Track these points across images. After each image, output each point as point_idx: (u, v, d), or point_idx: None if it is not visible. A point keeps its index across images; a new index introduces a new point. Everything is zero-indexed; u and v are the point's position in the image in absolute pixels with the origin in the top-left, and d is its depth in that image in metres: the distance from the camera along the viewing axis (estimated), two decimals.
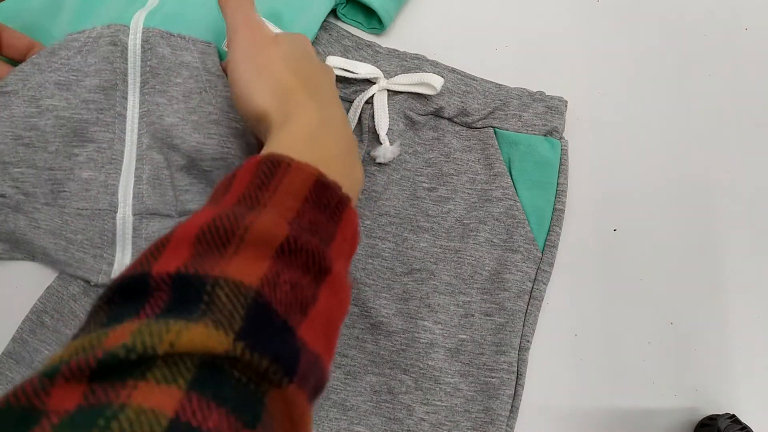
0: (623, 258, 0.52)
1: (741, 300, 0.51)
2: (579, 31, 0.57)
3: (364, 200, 0.50)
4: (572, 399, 0.49)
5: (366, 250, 0.50)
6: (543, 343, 0.50)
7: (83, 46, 0.47)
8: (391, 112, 0.51)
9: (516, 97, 0.52)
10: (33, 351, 0.47)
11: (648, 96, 0.55)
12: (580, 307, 0.51)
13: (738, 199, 0.53)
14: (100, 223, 0.47)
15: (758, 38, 0.57)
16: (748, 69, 0.56)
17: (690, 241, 0.52)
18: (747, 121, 0.55)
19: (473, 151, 0.52)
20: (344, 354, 0.48)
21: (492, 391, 0.47)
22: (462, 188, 0.51)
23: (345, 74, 0.50)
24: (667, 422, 0.49)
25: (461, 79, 0.52)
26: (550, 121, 0.51)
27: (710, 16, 0.57)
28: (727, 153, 0.54)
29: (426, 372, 0.47)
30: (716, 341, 0.50)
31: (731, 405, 0.49)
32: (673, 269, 0.52)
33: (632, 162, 0.54)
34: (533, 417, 0.49)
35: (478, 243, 0.50)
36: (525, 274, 0.49)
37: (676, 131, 0.55)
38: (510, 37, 0.56)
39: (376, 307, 0.48)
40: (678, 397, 0.49)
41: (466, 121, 0.52)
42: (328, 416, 0.47)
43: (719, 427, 0.45)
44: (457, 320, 0.49)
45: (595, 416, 0.49)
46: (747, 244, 0.52)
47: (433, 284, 0.49)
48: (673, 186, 0.53)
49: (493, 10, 0.57)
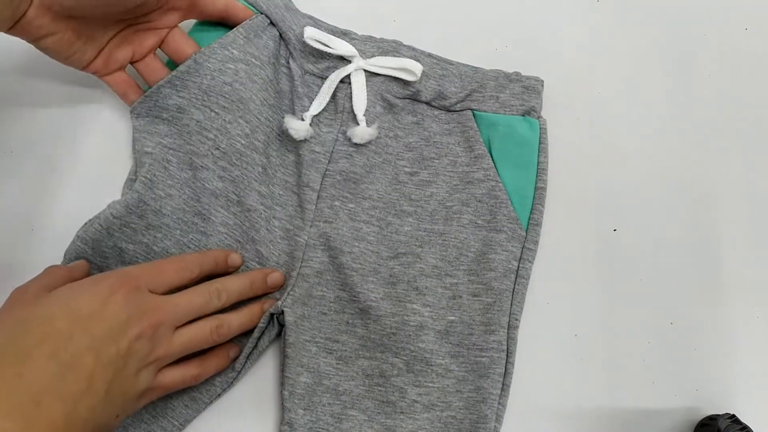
0: (623, 258, 0.52)
1: (741, 300, 0.51)
2: (579, 31, 0.57)
3: (343, 181, 0.51)
4: (572, 399, 0.50)
5: (352, 233, 0.50)
6: (543, 343, 0.50)
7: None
8: (369, 93, 0.51)
9: (492, 78, 0.52)
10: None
11: (648, 96, 0.56)
12: (580, 307, 0.51)
13: (738, 198, 0.53)
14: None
15: (758, 38, 0.57)
16: (748, 69, 0.56)
17: (690, 241, 0.52)
18: (747, 121, 0.55)
19: (453, 134, 0.52)
20: (335, 339, 0.49)
21: (483, 371, 0.47)
22: (443, 171, 0.52)
23: (320, 47, 0.50)
24: (667, 422, 0.49)
25: (437, 63, 0.53)
26: (528, 100, 0.52)
27: (710, 16, 0.58)
28: (727, 153, 0.55)
29: (417, 354, 0.48)
30: (716, 341, 0.51)
31: (731, 405, 0.49)
32: (673, 269, 0.52)
33: (632, 162, 0.54)
34: (533, 417, 0.49)
35: (462, 225, 0.50)
36: (510, 253, 0.50)
37: (677, 131, 0.55)
38: (510, 37, 0.56)
39: (364, 291, 0.49)
40: (678, 397, 0.50)
41: (444, 105, 0.52)
42: (321, 401, 0.48)
43: (719, 427, 0.45)
44: (446, 302, 0.49)
45: (595, 416, 0.49)
46: (747, 244, 0.53)
47: (419, 267, 0.49)
48: (673, 186, 0.54)
49: (493, 10, 0.57)
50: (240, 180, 0.49)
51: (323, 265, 0.49)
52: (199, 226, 0.49)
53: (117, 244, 0.48)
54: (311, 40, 0.50)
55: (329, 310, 0.49)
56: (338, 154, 0.51)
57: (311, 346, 0.48)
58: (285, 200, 0.51)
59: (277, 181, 0.51)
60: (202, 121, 0.49)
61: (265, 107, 0.51)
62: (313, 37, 0.50)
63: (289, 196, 0.51)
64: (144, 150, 0.50)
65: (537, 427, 0.49)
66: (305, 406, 0.47)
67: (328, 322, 0.49)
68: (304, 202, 0.50)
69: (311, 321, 0.49)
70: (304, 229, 0.50)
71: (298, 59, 0.52)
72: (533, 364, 0.50)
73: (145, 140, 0.50)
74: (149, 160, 0.49)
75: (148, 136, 0.50)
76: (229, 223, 0.49)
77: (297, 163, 0.51)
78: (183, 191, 0.49)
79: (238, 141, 0.49)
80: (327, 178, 0.51)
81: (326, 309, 0.49)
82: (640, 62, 0.57)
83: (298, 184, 0.51)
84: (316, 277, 0.49)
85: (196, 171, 0.49)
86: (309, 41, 0.50)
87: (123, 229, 0.48)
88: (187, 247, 0.48)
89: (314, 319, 0.49)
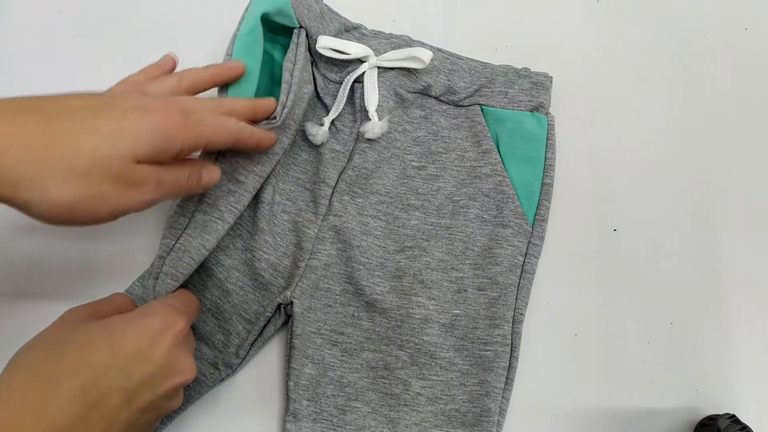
0: (623, 258, 0.52)
1: (741, 300, 0.52)
2: (579, 31, 0.57)
3: (355, 177, 0.51)
4: (572, 398, 0.50)
5: (360, 228, 0.50)
6: (543, 343, 0.50)
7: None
8: (381, 89, 0.51)
9: (501, 74, 0.53)
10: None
11: (648, 96, 0.56)
12: (580, 307, 0.51)
13: (738, 198, 0.53)
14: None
15: (758, 38, 0.57)
16: (748, 69, 0.56)
17: (690, 241, 0.53)
18: (747, 121, 0.55)
19: (461, 129, 0.52)
20: (340, 332, 0.49)
21: (487, 364, 0.48)
22: (451, 166, 0.52)
23: (337, 56, 0.50)
24: (667, 422, 0.49)
25: (447, 57, 0.53)
26: (536, 96, 0.52)
27: (710, 16, 0.58)
28: (727, 153, 0.55)
29: (421, 347, 0.48)
30: (716, 341, 0.51)
31: (731, 405, 0.49)
32: (673, 269, 0.52)
33: (632, 162, 0.54)
34: (533, 417, 0.49)
35: (469, 219, 0.51)
36: (516, 248, 0.50)
37: (676, 131, 0.55)
38: (510, 37, 0.56)
39: (369, 285, 0.49)
40: (678, 397, 0.50)
41: (453, 99, 0.53)
42: (326, 393, 0.48)
43: (719, 427, 0.45)
44: (451, 296, 0.49)
45: (595, 416, 0.49)
46: (747, 244, 0.53)
47: (425, 261, 0.50)
48: (673, 186, 0.54)
49: (493, 10, 0.57)
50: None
51: (331, 258, 0.50)
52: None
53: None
54: (324, 49, 0.50)
55: (335, 302, 0.49)
56: (356, 151, 0.51)
57: (316, 337, 0.48)
58: (296, 195, 0.51)
59: (289, 178, 0.51)
60: None
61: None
62: (326, 47, 0.50)
63: (300, 192, 0.51)
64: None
65: (537, 426, 0.49)
66: (310, 397, 0.47)
67: (333, 315, 0.49)
68: (318, 197, 0.50)
69: (317, 313, 0.49)
70: (315, 222, 0.50)
71: (321, 69, 0.52)
72: (533, 363, 0.50)
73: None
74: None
75: None
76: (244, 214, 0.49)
77: (314, 161, 0.51)
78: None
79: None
80: (342, 174, 0.51)
81: (332, 301, 0.49)
82: (641, 62, 0.57)
83: (312, 180, 0.51)
84: (324, 269, 0.49)
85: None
86: (322, 50, 0.50)
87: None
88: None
89: (320, 311, 0.49)
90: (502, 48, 0.56)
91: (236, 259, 0.49)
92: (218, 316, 0.48)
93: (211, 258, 0.48)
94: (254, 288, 0.48)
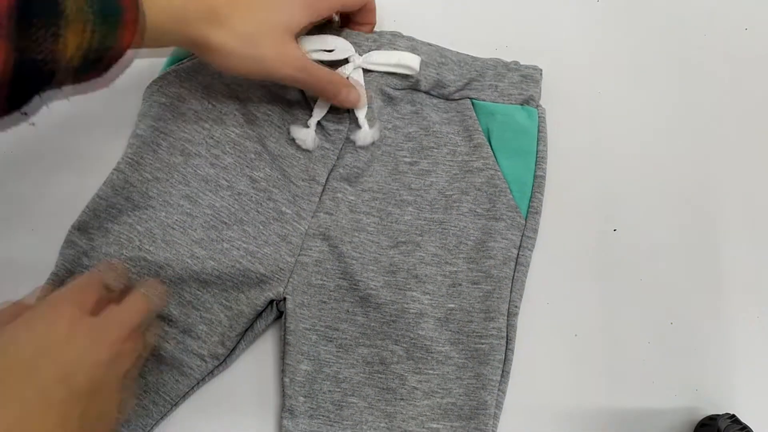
0: (623, 258, 0.52)
1: (741, 300, 0.51)
2: (579, 31, 0.57)
3: (346, 175, 0.51)
4: (572, 398, 0.50)
5: (352, 225, 0.50)
6: (543, 343, 0.50)
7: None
8: (368, 89, 0.51)
9: (491, 67, 0.53)
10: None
11: (648, 96, 0.56)
12: (580, 307, 0.51)
13: (738, 198, 0.53)
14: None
15: (758, 38, 0.57)
16: (748, 69, 0.56)
17: (690, 241, 0.52)
18: (747, 121, 0.55)
19: (452, 124, 0.52)
20: (335, 327, 0.49)
21: (482, 357, 0.48)
22: (443, 160, 0.52)
23: (321, 56, 0.50)
24: (667, 422, 0.49)
25: (436, 51, 0.53)
26: (526, 89, 0.52)
27: (710, 16, 0.58)
28: (727, 153, 0.55)
29: (417, 342, 0.48)
30: (716, 341, 0.51)
31: (731, 405, 0.49)
32: (673, 269, 0.52)
33: (632, 162, 0.54)
34: (533, 417, 0.49)
35: (462, 213, 0.51)
36: (510, 241, 0.50)
37: (676, 131, 0.55)
38: (510, 37, 0.56)
39: (364, 280, 0.49)
40: (678, 397, 0.49)
41: (443, 93, 0.53)
42: (322, 389, 0.48)
43: (719, 427, 0.45)
44: (445, 290, 0.49)
45: (595, 416, 0.49)
46: (747, 244, 0.53)
47: (419, 256, 0.50)
48: (673, 186, 0.54)
49: (493, 10, 0.58)
50: (232, 167, 0.51)
51: (323, 254, 0.50)
52: (185, 207, 0.50)
53: (103, 224, 0.49)
54: (312, 52, 0.50)
55: (329, 298, 0.49)
56: (346, 150, 0.51)
57: (311, 334, 0.49)
58: (282, 184, 0.51)
59: (275, 167, 0.51)
60: (200, 111, 0.51)
61: (263, 102, 0.52)
62: (311, 49, 0.50)
63: (286, 184, 0.51)
64: (135, 132, 0.51)
65: (537, 426, 0.49)
66: (306, 393, 0.48)
67: (328, 311, 0.49)
68: (309, 194, 0.51)
69: (311, 309, 0.49)
70: (306, 219, 0.50)
71: None
72: (533, 363, 0.50)
73: (139, 123, 0.51)
74: (137, 142, 0.50)
75: (142, 119, 0.51)
76: (215, 205, 0.50)
77: (302, 157, 0.52)
78: (171, 175, 0.50)
79: (232, 131, 0.51)
80: (333, 172, 0.51)
81: (326, 298, 0.49)
82: (640, 61, 0.57)
83: (300, 177, 0.51)
84: (315, 266, 0.50)
85: (188, 157, 0.50)
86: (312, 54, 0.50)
87: (109, 209, 0.49)
88: (172, 228, 0.49)
89: (314, 307, 0.49)
90: (502, 47, 0.56)
91: (211, 249, 0.49)
92: (198, 306, 0.49)
93: (185, 251, 0.49)
94: (231, 275, 0.49)
